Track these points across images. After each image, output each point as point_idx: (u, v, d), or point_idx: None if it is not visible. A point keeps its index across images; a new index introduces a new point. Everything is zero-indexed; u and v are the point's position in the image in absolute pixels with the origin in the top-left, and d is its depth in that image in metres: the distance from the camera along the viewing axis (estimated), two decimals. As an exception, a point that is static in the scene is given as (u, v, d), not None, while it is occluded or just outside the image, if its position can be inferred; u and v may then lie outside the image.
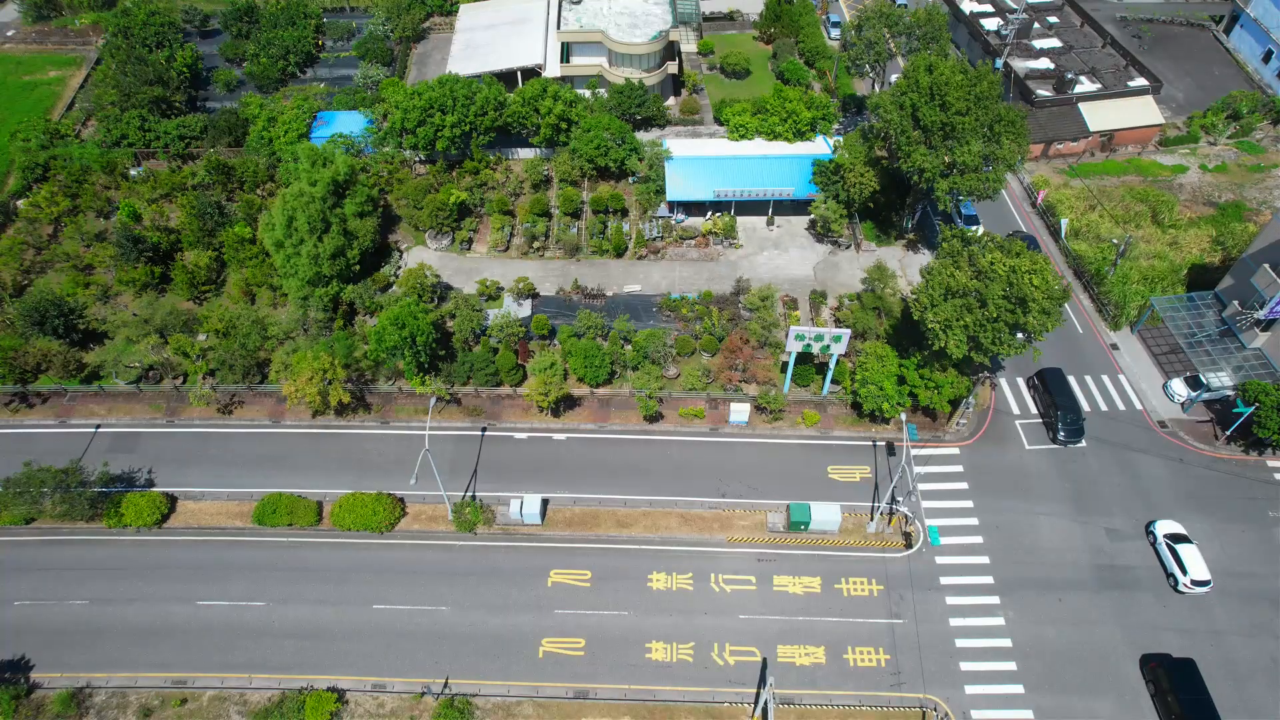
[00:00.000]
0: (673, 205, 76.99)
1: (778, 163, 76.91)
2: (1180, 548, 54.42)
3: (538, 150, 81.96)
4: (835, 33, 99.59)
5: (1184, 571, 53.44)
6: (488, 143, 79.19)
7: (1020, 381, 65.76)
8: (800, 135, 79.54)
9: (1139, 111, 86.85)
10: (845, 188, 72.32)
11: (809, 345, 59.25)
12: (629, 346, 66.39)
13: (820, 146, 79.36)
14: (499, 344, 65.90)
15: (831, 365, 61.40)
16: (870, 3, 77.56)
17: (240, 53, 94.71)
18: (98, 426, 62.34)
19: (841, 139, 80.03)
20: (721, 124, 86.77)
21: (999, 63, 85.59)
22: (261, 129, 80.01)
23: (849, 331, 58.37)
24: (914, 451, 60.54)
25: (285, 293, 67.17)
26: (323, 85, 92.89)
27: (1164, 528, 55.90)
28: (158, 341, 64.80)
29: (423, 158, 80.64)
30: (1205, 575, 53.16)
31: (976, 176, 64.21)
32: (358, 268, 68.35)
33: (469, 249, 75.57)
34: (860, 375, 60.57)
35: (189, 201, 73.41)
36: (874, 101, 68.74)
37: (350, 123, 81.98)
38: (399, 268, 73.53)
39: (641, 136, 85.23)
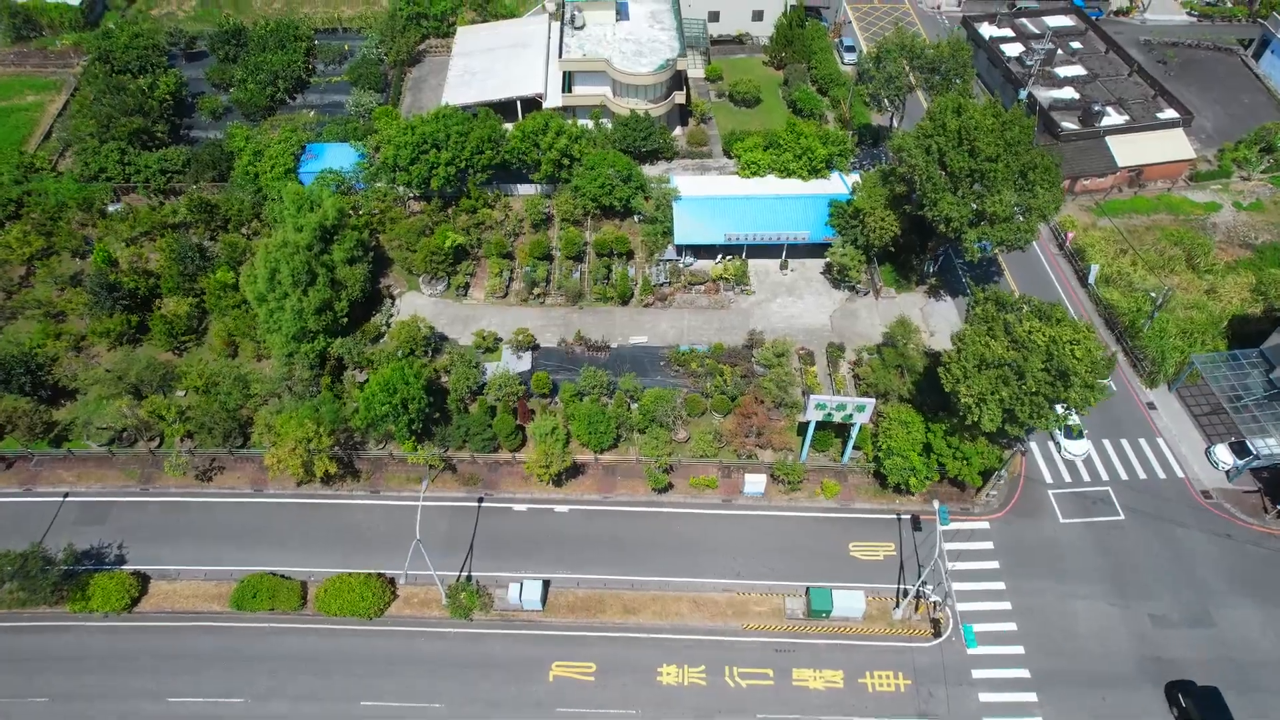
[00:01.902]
0: (681, 248, 72.84)
1: (792, 203, 72.74)
2: None
3: (538, 187, 77.75)
4: (849, 57, 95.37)
5: None
6: (485, 180, 75.03)
7: (1053, 449, 61.55)
8: (815, 173, 75.34)
9: (1169, 145, 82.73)
10: (864, 232, 68.24)
11: (830, 414, 55.17)
12: (636, 405, 62.30)
13: (836, 185, 75.18)
14: (498, 402, 61.78)
15: (854, 433, 57.29)
16: (890, 34, 73.22)
17: (227, 77, 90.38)
18: (65, 495, 58.17)
19: (859, 176, 76.07)
20: (731, 157, 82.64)
21: (1023, 93, 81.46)
22: (247, 164, 75.69)
23: (873, 402, 54.25)
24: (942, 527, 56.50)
25: (270, 347, 63.00)
26: (313, 113, 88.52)
27: None
28: (132, 402, 60.58)
29: (416, 194, 76.42)
30: None
31: (1008, 226, 60.12)
32: (346, 320, 64.13)
33: (465, 295, 71.37)
34: (884, 444, 56.52)
35: (168, 244, 69.17)
36: (896, 143, 64.57)
37: (340, 157, 77.67)
38: (391, 316, 69.35)
39: (647, 170, 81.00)
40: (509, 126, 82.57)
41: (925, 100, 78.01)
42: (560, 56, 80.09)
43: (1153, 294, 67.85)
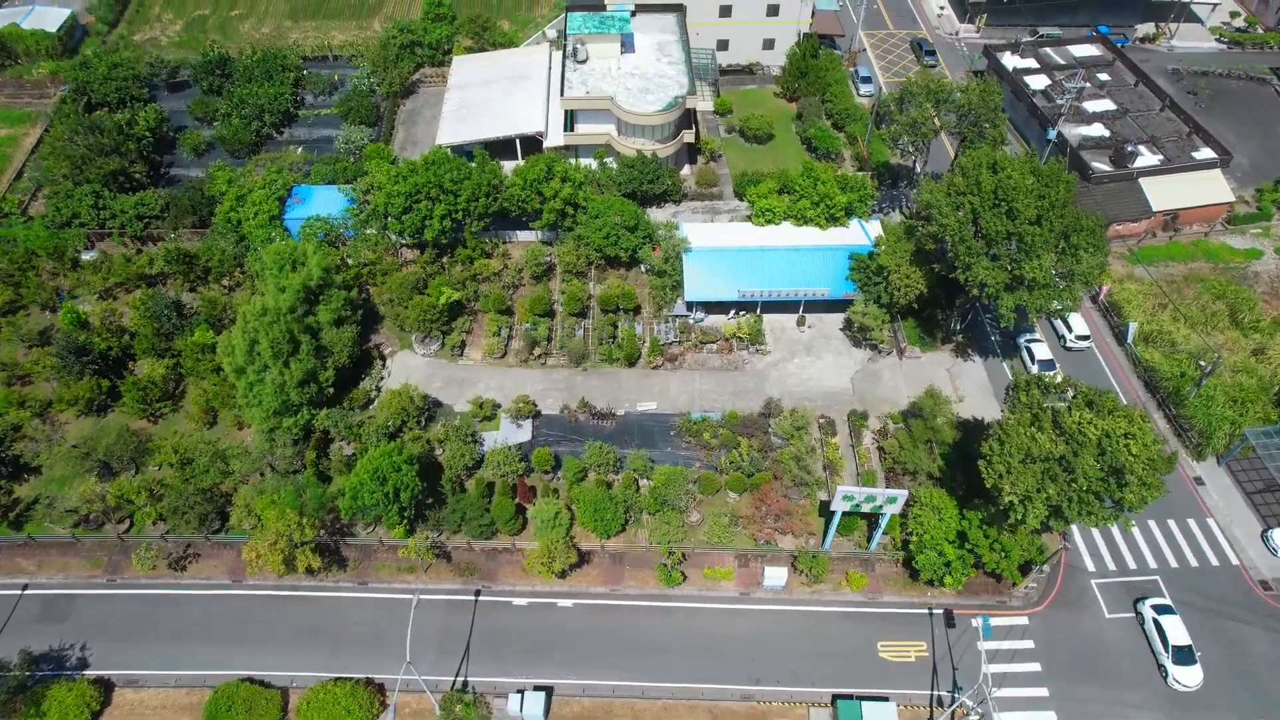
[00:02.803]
0: (691, 303, 68.25)
1: (810, 256, 68.16)
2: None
3: (539, 233, 73.14)
4: (865, 89, 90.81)
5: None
6: (483, 228, 70.45)
7: (1095, 532, 57.11)
8: (833, 220, 70.80)
9: (1207, 188, 78.21)
10: (888, 289, 63.73)
11: (858, 506, 50.62)
12: (646, 482, 57.80)
13: (856, 234, 70.63)
14: (497, 478, 57.23)
15: (883, 522, 52.73)
16: (915, 74, 68.57)
17: (211, 111, 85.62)
18: (24, 587, 53.53)
19: (880, 223, 71.59)
20: (742, 198, 78.12)
21: (1052, 132, 76.85)
22: (229, 209, 71.00)
23: (905, 494, 49.62)
24: (976, 622, 52.10)
25: (249, 420, 58.36)
26: (300, 150, 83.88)
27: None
28: (99, 483, 55.98)
29: (409, 243, 71.77)
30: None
31: (1048, 293, 55.62)
32: (332, 390, 59.48)
33: (461, 354, 66.73)
34: (915, 534, 52.03)
35: (142, 302, 64.51)
36: (924, 198, 60.00)
37: (329, 201, 72.98)
38: (382, 379, 64.73)
39: (654, 214, 76.49)
40: (509, 167, 78.20)
41: (950, 144, 73.28)
42: (561, 94, 75.39)
43: (1201, 362, 63.10)
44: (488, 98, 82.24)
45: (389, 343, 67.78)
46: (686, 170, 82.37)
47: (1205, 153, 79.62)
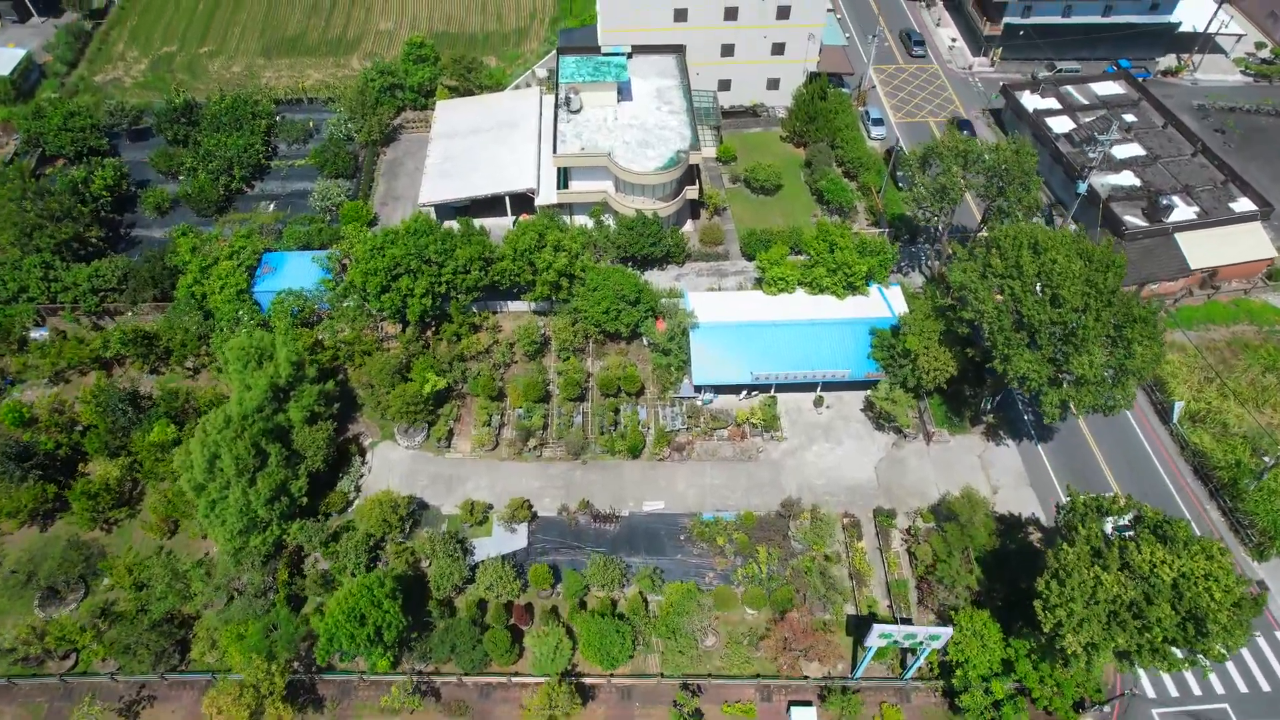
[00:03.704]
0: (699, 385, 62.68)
1: (828, 332, 62.63)
2: None
3: (531, 305, 67.36)
4: (876, 131, 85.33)
5: None
6: (471, 300, 64.68)
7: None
8: (852, 289, 65.29)
9: (1247, 243, 73.07)
10: (914, 372, 58.29)
11: (896, 643, 45.12)
12: (657, 598, 52.22)
13: (877, 303, 65.14)
14: (492, 598, 51.53)
15: (921, 656, 47.21)
16: (943, 135, 63.07)
17: (176, 164, 79.29)
18: (-46, 742, 47.57)
19: (900, 289, 66.20)
20: (750, 259, 72.58)
21: (1082, 185, 71.47)
22: (192, 282, 64.90)
23: (948, 632, 44.15)
24: (1028, 763, 46.68)
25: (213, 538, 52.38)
26: (272, 207, 77.76)
27: None
28: (37, 617, 49.92)
29: (389, 317, 65.78)
30: None
31: (1097, 390, 50.24)
32: (306, 500, 53.50)
33: (449, 446, 60.86)
34: (956, 661, 46.56)
35: (94, 395, 58.38)
36: (957, 279, 54.50)
37: (302, 271, 66.92)
38: (361, 476, 58.82)
39: (656, 277, 70.97)
40: (497, 226, 72.49)
41: (976, 207, 67.53)
42: (554, 151, 69.52)
43: (1264, 456, 57.79)
44: (474, 149, 76.30)
45: (369, 432, 61.87)
46: (689, 226, 76.72)
47: (1244, 204, 74.49)
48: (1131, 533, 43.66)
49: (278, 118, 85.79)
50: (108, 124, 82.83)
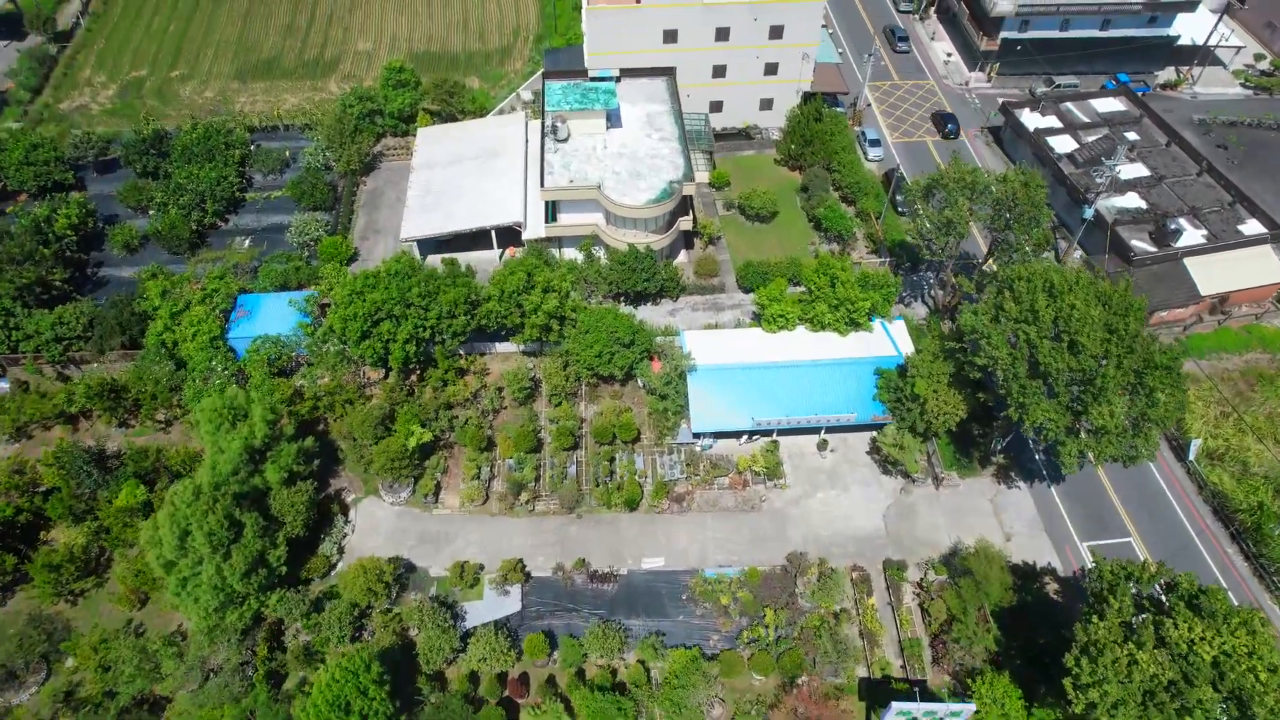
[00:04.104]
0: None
1: (832, 373, 59.97)
2: None
3: (520, 346, 64.38)
4: (873, 152, 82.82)
5: None
6: (457, 346, 61.68)
7: None
8: (854, 325, 62.67)
9: (1258, 267, 70.99)
10: (923, 416, 55.72)
11: (913, 717, 42.52)
12: (660, 665, 49.45)
13: (880, 339, 62.58)
14: (485, 670, 48.62)
15: (941, 728, 44.63)
16: (948, 167, 60.39)
17: (145, 198, 75.74)
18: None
19: (904, 323, 63.71)
20: (746, 291, 69.97)
21: (1088, 211, 69.17)
22: (162, 329, 61.57)
23: (971, 708, 41.59)
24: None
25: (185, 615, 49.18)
26: (247, 243, 74.40)
27: None
28: None
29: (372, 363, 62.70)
30: None
31: (1118, 440, 47.78)
32: (285, 569, 50.33)
33: (436, 502, 57.82)
34: (980, 738, 44.02)
35: (57, 456, 55.01)
36: (968, 323, 51.99)
37: (279, 314, 63.73)
38: (344, 537, 55.73)
39: (650, 312, 68.23)
40: (481, 260, 69.58)
41: (981, 236, 64.92)
42: (541, 185, 66.52)
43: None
44: (458, 180, 73.23)
45: (352, 487, 58.77)
46: (683, 257, 73.93)
47: (1253, 225, 72.38)
48: (1164, 599, 41.24)
49: (252, 147, 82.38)
50: (73, 156, 79.19)
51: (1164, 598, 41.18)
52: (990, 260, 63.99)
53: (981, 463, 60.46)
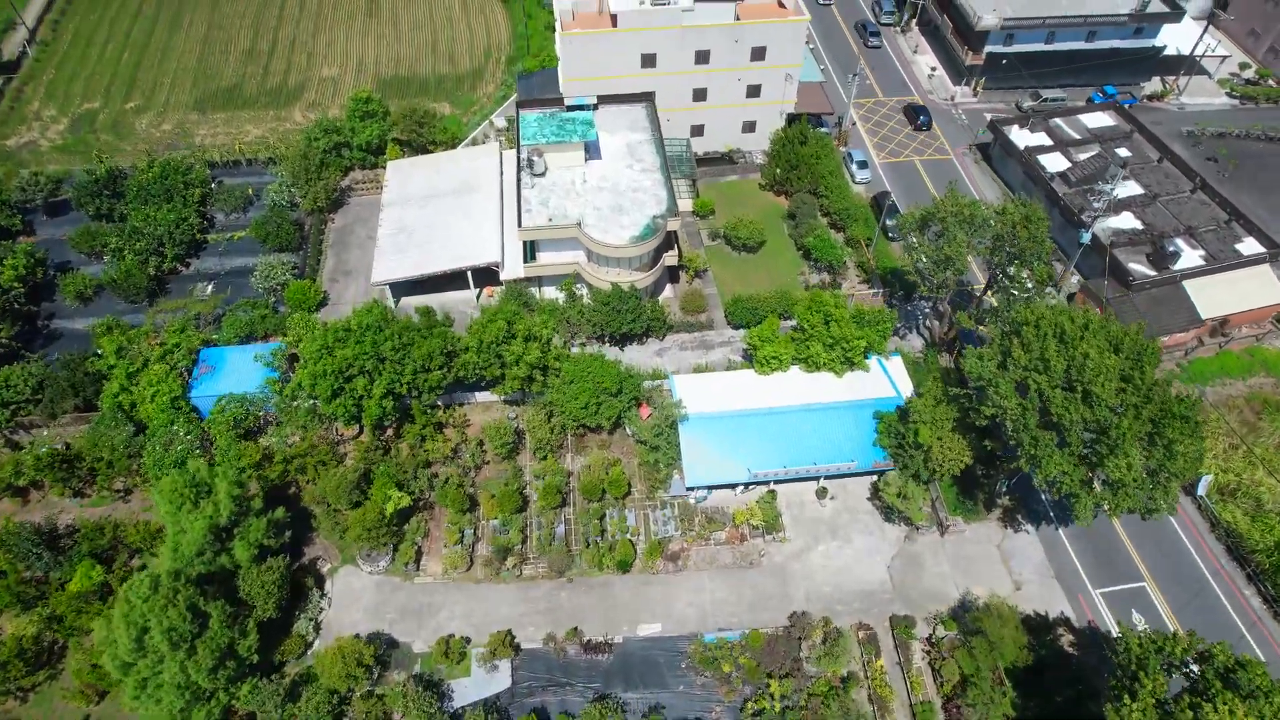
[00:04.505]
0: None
1: (830, 418, 57.36)
2: None
3: (502, 396, 61.18)
4: (861, 175, 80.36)
5: None
6: (434, 400, 58.44)
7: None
8: (850, 364, 60.06)
9: (1258, 287, 69.28)
10: (927, 464, 53.23)
11: (937, 807, 39.97)
12: (656, 744, 46.63)
13: (878, 378, 60.05)
14: (469, 759, 45.54)
15: (963, 812, 42.14)
16: (944, 198, 57.80)
17: (100, 243, 71.63)
18: None
19: (900, 359, 61.25)
20: (736, 327, 67.25)
21: (1085, 236, 67.06)
22: (118, 391, 57.77)
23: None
24: None
25: None
26: (210, 289, 70.58)
27: None
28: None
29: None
30: None
31: (1136, 493, 45.48)
32: (257, 657, 46.86)
33: (418, 569, 54.52)
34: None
35: (3, 539, 51.09)
36: (973, 370, 49.45)
37: (245, 370, 60.11)
38: (321, 611, 52.33)
39: (635, 352, 65.38)
40: (460, 306, 66.35)
41: (979, 269, 62.18)
42: (519, 224, 63.31)
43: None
44: (431, 218, 69.89)
45: (327, 556, 55.35)
46: (669, 292, 71.05)
47: (1250, 245, 70.69)
48: (1197, 670, 38.92)
49: (213, 184, 78.51)
50: (21, 199, 74.96)
51: (1197, 670, 38.83)
52: (989, 293, 61.69)
53: (986, 505, 58.13)
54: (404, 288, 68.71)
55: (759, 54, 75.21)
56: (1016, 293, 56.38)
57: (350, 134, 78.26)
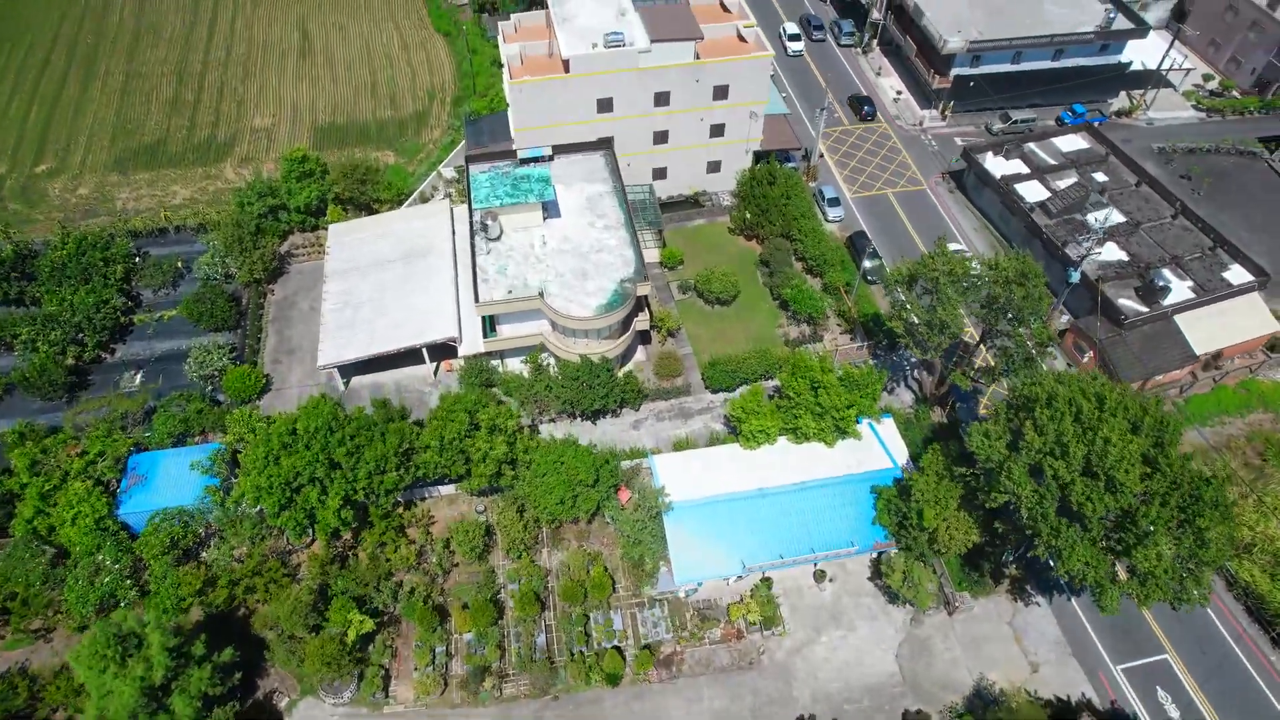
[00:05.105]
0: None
1: (825, 497, 53.45)
2: None
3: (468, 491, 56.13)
4: (833, 213, 76.52)
5: None
6: (393, 503, 53.19)
7: None
8: (841, 432, 56.14)
9: (1248, 317, 66.96)
10: (933, 546, 49.54)
11: None
12: None
13: (871, 447, 56.32)
14: None
15: None
16: (934, 252, 53.81)
17: (8, 335, 64.87)
18: None
19: (892, 421, 57.50)
20: (714, 391, 63.05)
21: (1074, 275, 64.02)
22: (33, 515, 51.50)
23: None
24: None
25: None
26: (139, 379, 64.28)
27: None
28: None
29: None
30: None
31: (1166, 584, 42.13)
32: (204, 833, 41.42)
33: (386, 696, 49.26)
34: None
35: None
36: (982, 451, 45.64)
37: (181, 479, 54.22)
38: (276, 758, 46.88)
39: (609, 427, 60.89)
40: (414, 384, 61.13)
41: (971, 323, 58.57)
42: (476, 300, 58.15)
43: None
44: (379, 289, 64.44)
45: (284, 688, 49.84)
46: (641, 354, 66.51)
47: (1237, 271, 68.35)
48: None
49: (138, 257, 71.97)
50: (-83, 287, 67.86)
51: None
52: (983, 349, 58.25)
53: (994, 576, 54.62)
54: (355, 367, 63.25)
55: (722, 92, 71.06)
56: (1016, 355, 52.84)
57: (287, 195, 72.26)
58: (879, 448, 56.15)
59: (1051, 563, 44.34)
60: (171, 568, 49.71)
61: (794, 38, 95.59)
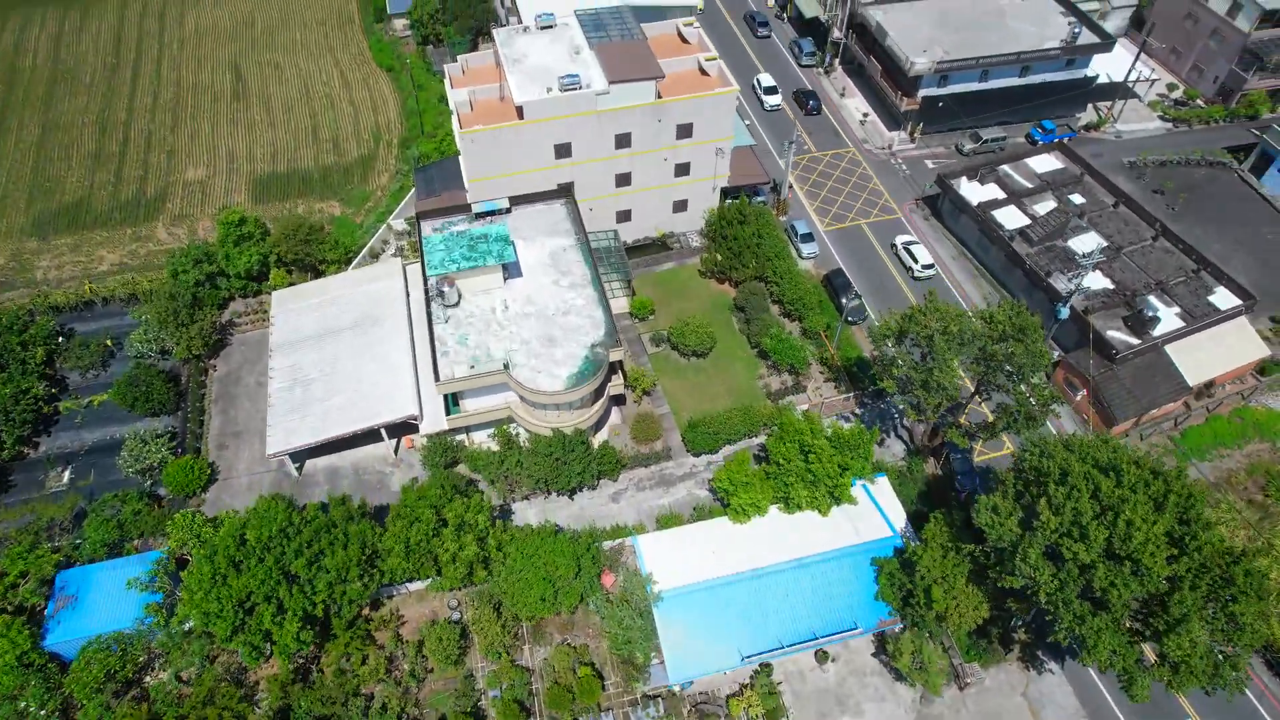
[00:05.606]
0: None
1: (822, 574, 50.08)
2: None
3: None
4: (807, 250, 73.20)
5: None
6: (357, 610, 48.49)
7: None
8: (835, 499, 52.78)
9: (1237, 343, 65.11)
10: (940, 622, 46.41)
11: None
12: None
13: (868, 513, 53.12)
14: None
15: None
16: (924, 305, 50.48)
17: (-83, 436, 58.92)
18: None
19: (885, 480, 54.38)
20: (696, 454, 59.42)
21: (1063, 310, 61.56)
22: (-51, 653, 45.94)
23: None
24: None
25: None
26: (67, 475, 58.66)
27: None
28: None
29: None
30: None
31: (1201, 671, 39.34)
32: None
33: (359, 834, 44.78)
34: None
35: None
36: (993, 531, 42.49)
37: (117, 598, 48.97)
38: None
39: (587, 501, 56.91)
40: (372, 465, 56.45)
41: (966, 376, 55.52)
42: (436, 378, 53.58)
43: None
44: (330, 362, 59.58)
45: (244, 832, 44.96)
46: (615, 417, 62.49)
47: (1223, 294, 66.47)
48: None
49: (61, 336, 66.08)
50: None
51: None
52: (979, 401, 55.35)
53: (1003, 643, 51.64)
54: (308, 450, 58.31)
55: (686, 131, 67.37)
56: (1017, 413, 49.89)
57: (225, 261, 66.87)
58: (876, 514, 52.95)
59: (1080, 657, 41.15)
60: (107, 710, 44.48)
61: (770, 90, 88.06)
